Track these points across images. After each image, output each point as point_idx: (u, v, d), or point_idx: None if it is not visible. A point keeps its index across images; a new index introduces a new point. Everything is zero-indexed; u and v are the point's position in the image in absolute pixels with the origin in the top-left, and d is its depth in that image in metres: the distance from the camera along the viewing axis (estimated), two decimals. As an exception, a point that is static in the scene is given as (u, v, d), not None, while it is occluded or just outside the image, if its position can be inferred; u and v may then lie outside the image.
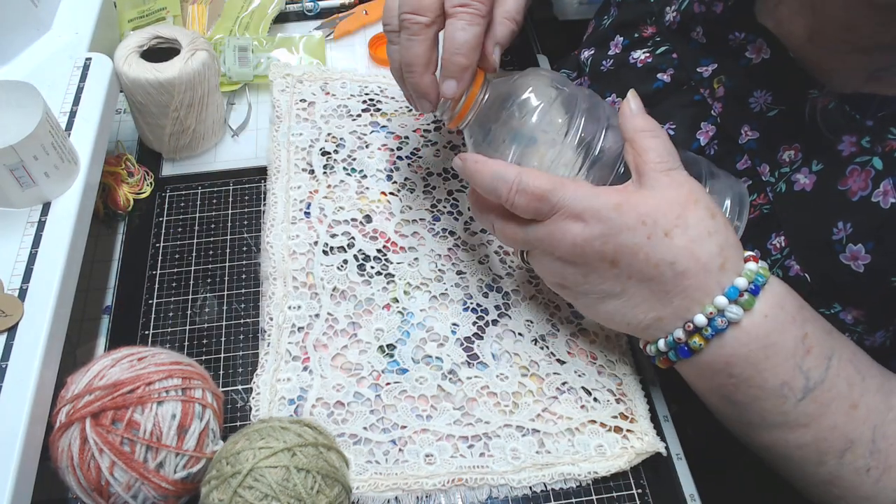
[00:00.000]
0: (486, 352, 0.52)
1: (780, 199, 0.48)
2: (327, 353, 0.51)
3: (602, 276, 0.43)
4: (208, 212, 0.60)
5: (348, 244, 0.57)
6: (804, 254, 0.47)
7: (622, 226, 0.41)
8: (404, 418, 0.48)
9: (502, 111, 0.48)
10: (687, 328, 0.42)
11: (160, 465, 0.39)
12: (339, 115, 0.65)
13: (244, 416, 0.49)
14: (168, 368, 0.41)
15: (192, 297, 0.54)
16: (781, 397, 0.42)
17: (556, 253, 0.44)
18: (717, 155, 0.53)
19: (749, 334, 0.41)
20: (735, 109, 0.52)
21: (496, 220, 0.47)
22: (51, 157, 0.47)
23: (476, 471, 0.47)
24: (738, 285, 0.41)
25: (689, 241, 0.41)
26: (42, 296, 0.44)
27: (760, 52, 0.51)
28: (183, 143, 0.61)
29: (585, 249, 0.42)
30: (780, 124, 0.49)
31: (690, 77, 0.55)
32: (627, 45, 0.61)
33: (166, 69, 0.56)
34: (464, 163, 0.46)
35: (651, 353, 0.46)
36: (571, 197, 0.42)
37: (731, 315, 0.41)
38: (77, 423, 0.39)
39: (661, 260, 0.41)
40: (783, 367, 0.41)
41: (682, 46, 0.57)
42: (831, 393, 0.42)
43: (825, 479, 0.43)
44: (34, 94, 0.46)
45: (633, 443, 0.48)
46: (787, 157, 0.48)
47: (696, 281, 0.41)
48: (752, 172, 0.51)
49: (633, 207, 0.42)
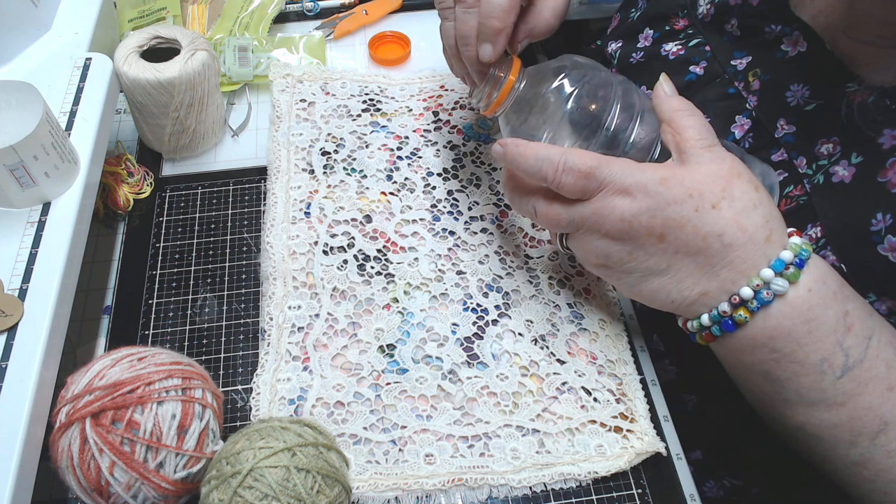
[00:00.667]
0: (486, 352, 0.52)
1: (817, 191, 0.48)
2: (327, 353, 0.51)
3: (648, 253, 0.43)
4: (208, 212, 0.60)
5: (348, 244, 0.57)
6: (840, 244, 0.47)
7: (669, 199, 0.42)
8: (404, 418, 0.48)
9: (538, 98, 0.48)
10: (733, 301, 0.42)
11: (160, 465, 0.39)
12: (339, 115, 0.65)
13: (244, 416, 0.49)
14: (168, 368, 0.41)
15: (192, 297, 0.54)
16: (820, 374, 0.42)
17: (603, 230, 0.44)
18: (752, 148, 0.53)
19: (793, 307, 0.41)
20: (771, 103, 0.52)
21: (538, 202, 0.47)
22: (51, 157, 0.47)
23: (476, 471, 0.47)
24: (784, 258, 0.41)
25: (736, 213, 0.42)
26: (42, 296, 0.44)
27: (797, 45, 0.51)
28: (183, 143, 0.61)
29: (633, 224, 0.43)
30: (819, 118, 0.49)
31: (724, 70, 0.55)
32: (658, 37, 0.61)
33: (166, 69, 0.56)
34: (505, 148, 0.47)
35: (692, 329, 0.45)
36: (618, 172, 0.43)
37: (777, 287, 0.41)
38: (77, 423, 0.39)
39: (708, 232, 0.42)
40: (824, 342, 0.41)
41: (715, 39, 0.56)
42: (870, 373, 0.41)
43: (856, 461, 0.43)
44: (34, 94, 0.46)
45: (633, 443, 0.48)
46: (825, 151, 0.48)
47: (743, 253, 0.41)
48: (789, 165, 0.50)
49: (680, 181, 0.42)
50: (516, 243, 0.58)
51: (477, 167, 0.62)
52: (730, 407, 0.48)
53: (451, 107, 0.67)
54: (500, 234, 0.58)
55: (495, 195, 0.61)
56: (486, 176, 0.62)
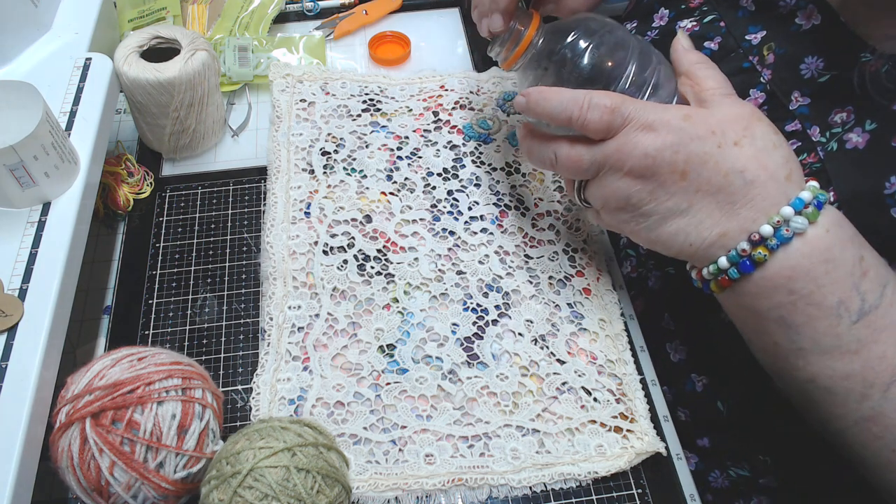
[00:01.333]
0: (486, 352, 0.52)
1: (831, 158, 0.49)
2: (327, 353, 0.51)
3: (669, 192, 0.44)
4: (208, 212, 0.60)
5: (348, 244, 0.57)
6: (854, 209, 0.47)
7: (693, 135, 0.42)
8: (404, 418, 0.48)
9: (555, 53, 0.49)
10: (752, 239, 0.42)
11: (160, 465, 0.39)
12: (339, 115, 0.65)
13: (244, 416, 0.49)
14: (168, 368, 0.41)
15: (192, 297, 0.54)
16: (837, 317, 0.42)
17: (626, 167, 0.44)
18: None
19: (813, 247, 0.41)
20: (786, 75, 0.52)
21: (560, 147, 0.47)
22: (51, 157, 0.47)
23: (476, 471, 0.47)
24: (804, 197, 0.41)
25: (757, 151, 0.42)
26: (42, 296, 0.44)
27: (811, 18, 0.51)
28: (183, 143, 0.61)
29: (657, 160, 0.43)
30: (832, 89, 0.50)
31: (738, 45, 0.56)
32: (673, 16, 0.62)
33: (166, 69, 0.56)
34: (528, 96, 0.47)
35: (708, 275, 0.45)
36: (642, 108, 0.43)
37: (797, 225, 0.41)
38: (77, 423, 0.39)
39: (731, 168, 0.42)
40: (842, 284, 0.41)
41: (730, 15, 0.57)
42: (885, 320, 0.42)
43: (866, 416, 0.43)
44: (34, 94, 0.46)
45: (633, 443, 0.48)
46: (838, 119, 0.49)
47: (764, 191, 0.42)
48: (802, 135, 0.51)
49: (703, 119, 0.43)
50: (516, 243, 0.58)
51: (477, 167, 0.62)
52: (740, 389, 0.48)
53: (451, 107, 0.67)
54: (500, 234, 0.58)
55: (495, 195, 0.61)
56: (486, 176, 0.62)
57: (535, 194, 0.61)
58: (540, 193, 0.61)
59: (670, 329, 0.59)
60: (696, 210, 0.44)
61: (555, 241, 0.58)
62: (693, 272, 0.47)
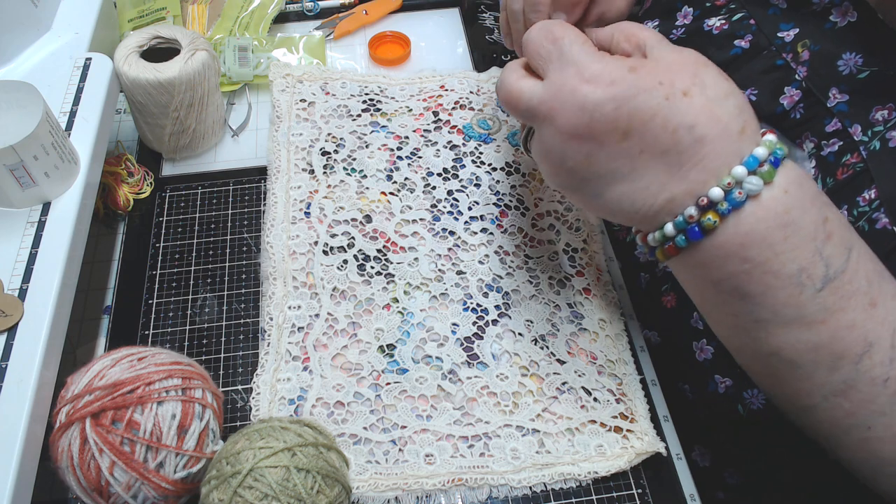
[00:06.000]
0: (486, 352, 0.52)
1: (873, 156, 0.46)
2: (327, 353, 0.51)
3: (609, 154, 0.40)
4: (208, 212, 0.60)
5: (348, 244, 0.57)
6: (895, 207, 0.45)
7: (639, 88, 0.38)
8: (404, 418, 0.48)
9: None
10: (700, 203, 0.38)
11: (160, 465, 0.39)
12: (339, 115, 0.65)
13: (244, 416, 0.49)
14: (168, 368, 0.41)
15: (192, 297, 0.54)
16: (799, 285, 0.38)
17: (559, 120, 0.40)
18: (803, 118, 0.52)
19: (768, 210, 0.37)
20: (823, 72, 0.50)
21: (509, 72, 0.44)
22: (51, 157, 0.47)
23: (476, 471, 0.47)
24: (758, 155, 0.37)
25: (708, 101, 0.38)
26: (42, 296, 0.44)
27: (846, 15, 0.50)
28: (183, 143, 0.61)
29: (594, 115, 0.39)
30: (872, 86, 0.48)
31: (771, 42, 0.54)
32: (698, 14, 0.60)
33: (166, 69, 0.56)
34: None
35: (654, 242, 0.41)
36: (589, 56, 0.40)
37: (750, 187, 0.37)
38: (77, 423, 0.39)
39: (679, 124, 0.38)
40: (802, 250, 0.38)
41: (760, 12, 0.56)
42: (851, 286, 0.38)
43: (837, 389, 0.39)
44: (34, 94, 0.46)
45: (633, 443, 0.48)
46: (880, 117, 0.47)
47: (714, 148, 0.38)
48: (844, 134, 0.49)
49: (650, 70, 0.39)
50: (516, 243, 0.58)
51: (477, 167, 0.62)
52: (765, 397, 0.46)
53: (451, 107, 0.67)
54: (500, 233, 0.58)
55: (495, 195, 0.61)
56: (486, 176, 0.62)
57: (535, 194, 0.61)
58: (540, 193, 0.61)
59: (699, 328, 0.58)
60: (641, 174, 0.39)
61: (555, 241, 0.58)
62: (638, 237, 0.43)
